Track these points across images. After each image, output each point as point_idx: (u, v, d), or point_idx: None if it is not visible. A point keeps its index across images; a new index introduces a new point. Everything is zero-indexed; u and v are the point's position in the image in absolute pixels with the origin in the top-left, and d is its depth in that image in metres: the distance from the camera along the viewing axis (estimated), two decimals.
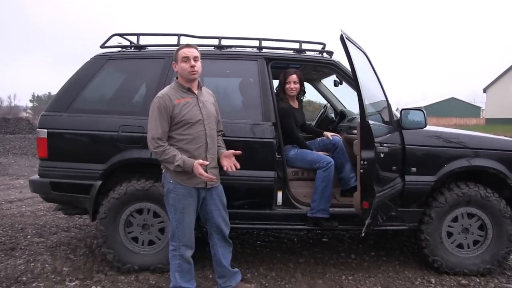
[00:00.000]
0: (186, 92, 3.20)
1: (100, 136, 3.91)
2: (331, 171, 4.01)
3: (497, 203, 3.94)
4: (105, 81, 4.16)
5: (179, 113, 3.11)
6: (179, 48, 3.23)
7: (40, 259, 4.25)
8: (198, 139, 3.18)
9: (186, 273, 3.28)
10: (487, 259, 4.00)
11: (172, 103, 3.11)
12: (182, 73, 3.19)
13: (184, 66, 3.16)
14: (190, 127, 3.15)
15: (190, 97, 3.20)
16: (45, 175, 3.98)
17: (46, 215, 6.07)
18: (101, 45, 4.17)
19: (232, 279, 3.49)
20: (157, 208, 3.86)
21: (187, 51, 3.17)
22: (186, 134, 3.14)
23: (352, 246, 4.88)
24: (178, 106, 3.12)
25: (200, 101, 3.24)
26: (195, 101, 3.21)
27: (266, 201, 3.95)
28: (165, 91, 3.18)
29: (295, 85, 4.31)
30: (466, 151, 3.97)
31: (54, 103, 4.03)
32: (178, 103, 3.13)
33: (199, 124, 3.18)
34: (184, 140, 3.15)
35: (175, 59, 3.22)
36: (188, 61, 3.15)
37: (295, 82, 4.31)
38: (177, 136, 3.15)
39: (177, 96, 3.15)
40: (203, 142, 3.20)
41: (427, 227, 3.97)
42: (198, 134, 3.17)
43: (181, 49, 3.20)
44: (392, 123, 3.90)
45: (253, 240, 5.02)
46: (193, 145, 3.16)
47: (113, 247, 3.87)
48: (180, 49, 3.21)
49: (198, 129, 3.17)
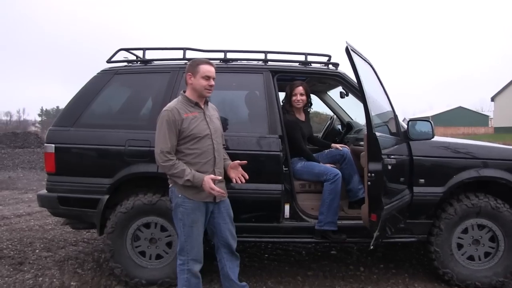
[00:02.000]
0: (193, 107, 3.18)
1: (107, 151, 3.93)
2: (339, 183, 3.98)
3: (508, 214, 3.89)
4: (112, 95, 4.19)
5: (187, 128, 3.10)
6: (199, 62, 3.18)
7: (48, 273, 4.24)
8: (206, 153, 3.17)
9: (194, 287, 3.25)
10: (499, 272, 3.93)
11: (180, 117, 3.09)
12: (198, 89, 3.17)
13: (203, 83, 3.14)
14: (198, 142, 3.13)
15: (197, 111, 3.20)
16: (53, 189, 3.99)
17: (54, 229, 6.08)
18: (107, 60, 4.21)
19: None
20: (165, 222, 3.86)
21: (210, 70, 3.17)
22: (195, 149, 3.13)
23: (360, 258, 4.83)
24: (186, 120, 3.10)
25: (207, 115, 3.24)
26: (202, 115, 3.21)
27: (273, 214, 3.93)
28: (173, 104, 3.15)
29: (302, 97, 4.30)
30: (475, 161, 3.94)
31: (61, 118, 4.06)
32: (186, 117, 3.11)
33: (207, 139, 3.17)
34: (192, 155, 3.13)
35: (192, 71, 3.16)
36: (208, 80, 3.16)
37: (302, 94, 4.30)
38: (185, 150, 3.13)
39: (185, 110, 3.13)
40: (211, 157, 3.19)
41: (436, 239, 3.92)
42: (206, 149, 3.16)
43: (204, 65, 3.16)
44: (399, 134, 3.88)
45: (260, 253, 4.99)
46: (201, 159, 3.15)
47: (121, 261, 3.86)
48: (201, 64, 3.17)
49: (206, 144, 3.16)
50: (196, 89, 3.18)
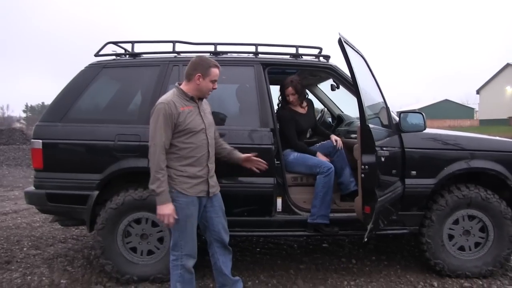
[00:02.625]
0: (189, 101, 3.15)
1: (96, 146, 3.86)
2: (332, 177, 3.98)
3: (498, 205, 3.93)
4: (100, 89, 4.12)
5: (183, 121, 3.06)
6: (211, 65, 3.15)
7: (37, 271, 4.17)
8: (201, 148, 3.14)
9: (187, 283, 3.22)
10: (489, 261, 3.98)
11: (177, 110, 3.04)
12: (203, 90, 3.16)
13: (209, 86, 3.16)
14: (192, 136, 3.10)
15: (192, 105, 3.16)
16: (41, 186, 3.92)
17: (42, 227, 5.99)
18: (95, 53, 4.13)
19: None
20: (155, 217, 3.79)
21: (218, 74, 3.19)
22: (189, 143, 3.10)
23: (352, 251, 4.84)
24: (183, 114, 3.06)
25: (201, 110, 3.21)
26: (197, 110, 3.18)
27: (265, 208, 3.91)
28: (170, 97, 3.09)
29: (294, 96, 4.31)
30: (466, 153, 3.96)
31: (49, 113, 3.98)
32: (182, 110, 3.07)
33: (201, 133, 3.15)
34: (187, 149, 3.10)
35: (203, 73, 3.12)
36: (214, 84, 3.18)
37: (293, 94, 4.30)
38: (179, 144, 3.09)
39: (181, 104, 3.09)
40: (205, 151, 3.17)
41: (428, 230, 3.94)
42: (201, 143, 3.14)
43: (215, 68, 3.16)
44: (391, 126, 3.88)
45: (252, 247, 4.98)
46: (196, 154, 3.12)
47: (112, 258, 3.81)
48: (213, 67, 3.15)
49: (200, 138, 3.14)
50: (201, 90, 3.17)
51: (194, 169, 3.13)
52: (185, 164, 3.11)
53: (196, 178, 3.14)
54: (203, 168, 3.15)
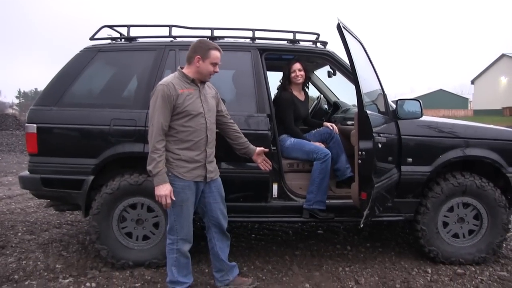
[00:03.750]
0: (189, 83, 3.14)
1: (91, 130, 3.83)
2: (329, 163, 3.98)
3: (492, 193, 3.95)
4: (96, 74, 4.08)
5: (182, 104, 3.05)
6: (211, 47, 3.13)
7: (32, 256, 4.16)
8: (199, 132, 3.13)
9: (183, 267, 3.24)
10: (482, 248, 4.02)
11: (176, 92, 3.04)
12: (204, 73, 3.15)
13: (210, 68, 3.14)
14: (191, 119, 3.09)
15: (193, 88, 3.15)
16: (36, 171, 3.89)
17: (37, 212, 5.97)
18: (90, 37, 4.08)
19: (230, 273, 3.46)
20: (151, 202, 3.80)
21: (219, 57, 3.17)
22: (188, 126, 3.09)
23: (347, 237, 4.86)
24: (181, 96, 3.06)
25: (202, 94, 3.19)
26: (197, 93, 3.16)
27: (261, 194, 3.91)
28: (169, 79, 3.10)
29: (300, 72, 4.32)
30: (462, 141, 3.96)
31: (43, 97, 3.94)
32: (182, 92, 3.06)
33: (200, 117, 3.13)
34: (185, 132, 3.09)
35: (202, 55, 3.11)
36: (215, 66, 3.15)
37: (300, 70, 4.31)
38: (177, 127, 3.08)
39: (181, 86, 3.09)
40: (204, 136, 3.15)
41: (423, 217, 3.97)
42: (199, 127, 3.13)
43: (215, 51, 3.14)
44: (388, 113, 3.87)
45: (247, 234, 4.99)
46: (194, 137, 3.11)
47: (107, 243, 3.81)
48: (213, 49, 3.13)
49: (199, 122, 3.13)
50: (201, 73, 3.16)
51: (192, 153, 3.12)
52: (182, 148, 3.10)
53: (194, 163, 3.13)
54: (201, 153, 3.15)
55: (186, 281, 3.27)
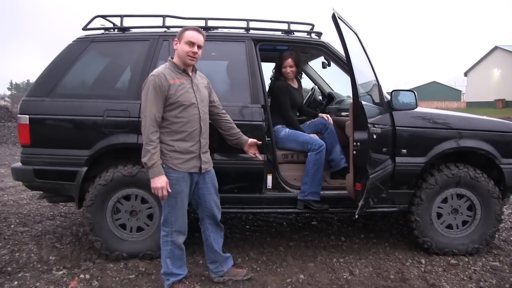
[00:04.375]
0: (181, 73, 3.12)
1: (84, 121, 3.80)
2: (323, 154, 3.97)
3: (486, 184, 3.97)
4: (89, 64, 4.03)
5: (174, 94, 3.03)
6: (186, 29, 3.11)
7: (25, 248, 4.14)
8: (193, 122, 3.11)
9: (177, 259, 3.24)
10: (475, 239, 4.05)
11: (167, 82, 3.01)
12: (181, 54, 3.10)
13: (185, 48, 3.07)
14: (184, 110, 3.07)
15: (185, 78, 3.13)
16: (28, 162, 3.86)
17: (30, 204, 5.93)
18: (83, 27, 4.03)
19: (224, 264, 3.46)
20: (145, 194, 3.78)
21: (195, 36, 3.09)
22: (181, 117, 3.07)
23: (341, 229, 4.88)
24: (173, 87, 3.03)
25: (194, 83, 3.17)
26: (189, 83, 3.14)
27: (256, 185, 3.91)
28: (160, 70, 3.07)
29: (292, 68, 4.31)
30: (456, 132, 3.97)
31: (36, 88, 3.89)
32: (173, 83, 3.03)
33: (193, 108, 3.11)
34: (179, 123, 3.07)
35: (178, 37, 3.10)
36: (191, 46, 3.08)
37: (291, 66, 4.30)
38: (171, 118, 3.06)
39: (172, 76, 3.06)
40: (197, 126, 3.14)
41: (417, 208, 3.98)
42: (192, 118, 3.10)
43: (189, 31, 3.10)
44: (382, 104, 3.87)
45: (242, 225, 4.99)
46: (188, 128, 3.09)
47: (101, 234, 3.79)
48: (187, 30, 3.10)
49: (192, 112, 3.10)
50: (179, 55, 3.12)
51: (186, 144, 3.10)
52: (176, 139, 3.08)
53: (188, 154, 3.11)
54: (195, 143, 3.13)
55: (180, 273, 3.26)
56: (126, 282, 3.45)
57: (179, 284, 3.26)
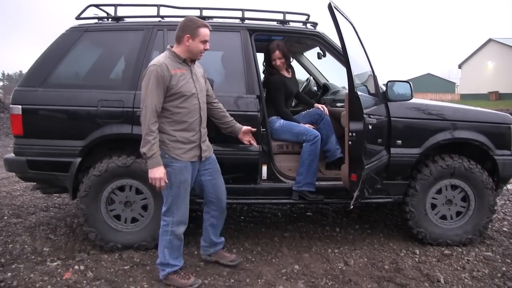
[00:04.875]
0: (181, 63, 3.11)
1: (78, 112, 3.77)
2: (318, 145, 3.97)
3: (480, 175, 3.99)
4: (82, 54, 3.99)
5: (176, 85, 3.02)
6: (200, 25, 3.07)
7: (19, 240, 4.12)
8: (193, 112, 3.12)
9: (175, 250, 3.25)
10: (469, 230, 4.07)
11: (169, 73, 2.99)
12: (194, 52, 3.10)
13: (200, 47, 3.09)
14: (185, 100, 3.07)
15: (185, 68, 3.12)
16: (21, 153, 3.82)
17: (23, 195, 5.90)
18: (76, 16, 3.98)
19: (212, 247, 3.59)
20: (140, 184, 3.77)
21: (208, 34, 3.11)
22: (182, 107, 3.07)
23: (336, 219, 4.89)
24: (175, 77, 3.02)
25: (193, 73, 3.17)
26: (189, 73, 3.14)
27: (251, 176, 3.90)
28: (161, 59, 3.03)
29: (281, 60, 4.26)
30: (451, 123, 3.98)
31: (28, 77, 3.85)
32: (175, 73, 3.02)
33: (193, 98, 3.12)
34: (179, 114, 3.07)
35: (191, 34, 3.05)
36: (205, 44, 3.11)
37: (280, 58, 4.25)
38: (172, 108, 3.06)
39: (173, 66, 3.04)
40: (198, 116, 3.15)
41: (411, 199, 3.99)
42: (193, 108, 3.11)
43: (204, 28, 3.08)
44: (378, 95, 3.86)
45: (236, 216, 4.99)
46: (188, 118, 3.10)
47: (95, 225, 3.77)
48: (202, 27, 3.07)
49: (193, 103, 3.11)
50: (191, 52, 3.11)
51: (187, 134, 3.12)
52: (178, 129, 3.09)
53: (189, 143, 3.13)
54: (196, 133, 3.16)
55: (176, 264, 3.27)
56: (121, 273, 3.44)
57: (174, 275, 3.26)
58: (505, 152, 4.06)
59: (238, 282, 3.34)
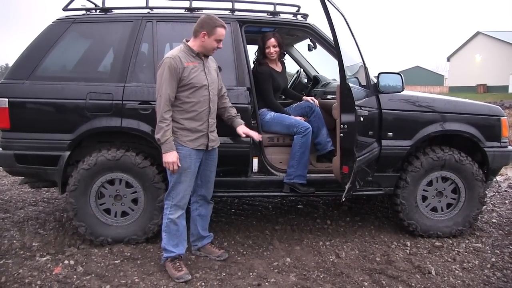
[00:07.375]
0: (194, 57, 3.25)
1: (66, 105, 3.71)
2: (309, 137, 3.95)
3: (470, 167, 4.01)
4: (70, 46, 3.92)
5: (187, 77, 3.17)
6: (217, 24, 3.21)
7: (7, 235, 4.06)
8: (203, 103, 3.26)
9: (173, 235, 3.33)
10: (459, 221, 4.10)
11: (182, 65, 3.16)
12: (207, 47, 3.25)
13: (213, 44, 3.25)
14: (195, 91, 3.22)
15: (198, 61, 3.26)
16: (8, 147, 3.76)
17: (11, 190, 5.82)
18: (63, 7, 3.91)
19: (199, 241, 3.64)
20: (130, 178, 3.73)
21: (224, 34, 3.27)
22: (192, 98, 3.22)
23: (327, 212, 4.89)
24: (187, 69, 3.18)
25: (206, 67, 3.31)
26: (202, 66, 3.27)
27: (241, 168, 3.89)
28: (176, 52, 3.19)
29: (275, 48, 4.21)
30: (441, 115, 3.98)
31: (14, 70, 3.77)
32: (187, 66, 3.18)
33: (204, 89, 3.25)
34: (190, 103, 3.22)
35: (208, 31, 3.19)
36: (219, 43, 3.27)
37: (274, 46, 4.20)
38: (183, 98, 3.21)
39: (186, 59, 3.20)
40: (207, 107, 3.29)
41: (402, 191, 4.01)
42: (203, 99, 3.26)
43: (221, 28, 3.22)
44: (369, 87, 3.85)
45: (227, 209, 4.98)
46: (198, 108, 3.25)
47: (85, 219, 3.74)
48: (219, 26, 3.21)
49: (203, 94, 3.25)
50: (205, 47, 3.26)
51: (195, 123, 3.26)
52: (186, 118, 3.24)
53: (197, 132, 3.27)
54: (203, 123, 3.30)
55: (173, 251, 3.32)
56: (112, 268, 3.41)
57: (170, 262, 3.33)
58: (495, 144, 4.08)
59: (230, 276, 3.33)
